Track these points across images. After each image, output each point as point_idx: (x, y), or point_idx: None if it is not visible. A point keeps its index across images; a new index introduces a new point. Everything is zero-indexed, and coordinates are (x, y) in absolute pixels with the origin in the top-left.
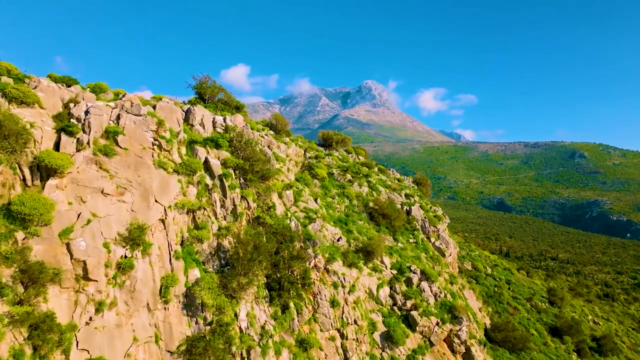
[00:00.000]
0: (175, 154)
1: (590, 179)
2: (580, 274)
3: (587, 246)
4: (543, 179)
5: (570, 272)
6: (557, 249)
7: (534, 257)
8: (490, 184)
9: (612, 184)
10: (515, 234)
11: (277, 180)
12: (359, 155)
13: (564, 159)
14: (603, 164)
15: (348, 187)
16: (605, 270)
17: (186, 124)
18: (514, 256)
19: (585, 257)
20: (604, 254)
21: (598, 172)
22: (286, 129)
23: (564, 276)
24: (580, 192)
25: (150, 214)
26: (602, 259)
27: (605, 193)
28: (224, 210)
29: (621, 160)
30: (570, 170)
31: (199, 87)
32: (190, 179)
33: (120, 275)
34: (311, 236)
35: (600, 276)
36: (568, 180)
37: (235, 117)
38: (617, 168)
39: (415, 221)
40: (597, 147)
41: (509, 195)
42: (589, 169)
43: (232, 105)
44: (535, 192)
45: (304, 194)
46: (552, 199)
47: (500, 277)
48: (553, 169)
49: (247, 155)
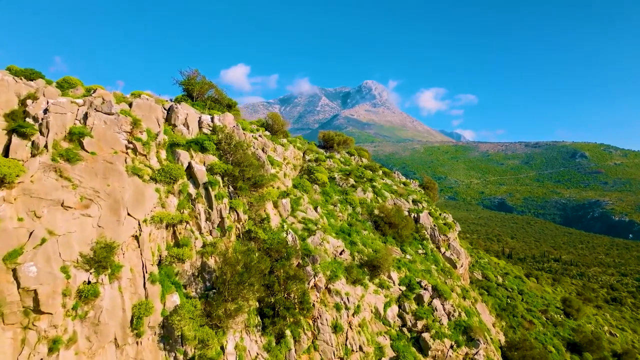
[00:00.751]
0: (154, 159)
1: (591, 179)
2: (584, 275)
3: (589, 247)
4: (544, 179)
5: (574, 274)
6: (559, 250)
7: (536, 259)
8: (491, 184)
9: (613, 184)
10: (517, 234)
11: (272, 188)
12: (361, 157)
13: (565, 159)
14: (604, 164)
15: (351, 193)
16: (609, 272)
17: (168, 124)
18: (517, 258)
19: (588, 258)
20: (607, 255)
21: (599, 172)
22: (283, 129)
23: (568, 279)
24: (581, 193)
25: (121, 229)
26: (605, 261)
27: (606, 193)
28: (209, 224)
29: (622, 160)
30: (572, 170)
31: (187, 83)
32: (171, 187)
33: (81, 305)
34: (310, 251)
35: (605, 278)
36: (569, 180)
37: (224, 116)
38: (618, 168)
39: (424, 230)
40: (598, 147)
41: (510, 195)
42: (590, 169)
43: (224, 103)
44: (537, 192)
45: (302, 202)
46: (554, 199)
47: (512, 287)
48: (554, 169)
49: (238, 159)
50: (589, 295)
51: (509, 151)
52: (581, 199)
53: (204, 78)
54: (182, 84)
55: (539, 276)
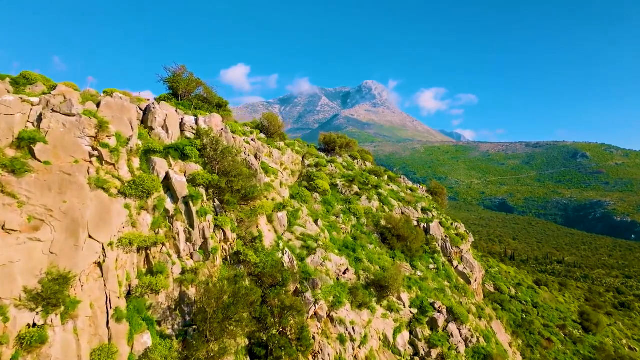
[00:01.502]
0: (124, 169)
1: (592, 179)
2: (588, 278)
3: (592, 249)
4: (545, 179)
5: (578, 276)
6: (562, 251)
7: (539, 261)
8: (492, 185)
9: (615, 184)
10: (519, 235)
11: (266, 200)
12: (365, 161)
13: (566, 159)
14: (605, 164)
15: (355, 202)
16: (614, 274)
17: (143, 127)
18: (519, 260)
19: (591, 260)
20: (610, 257)
21: (600, 172)
22: (280, 131)
23: (574, 282)
24: (582, 193)
25: (79, 256)
26: (608, 262)
27: (608, 193)
28: (190, 246)
29: (624, 160)
30: (573, 170)
31: (172, 81)
32: (144, 203)
33: (23, 355)
34: (310, 274)
35: (609, 280)
36: (570, 180)
37: (210, 117)
38: (619, 168)
39: (435, 241)
40: (599, 147)
41: (511, 195)
42: (592, 169)
43: (213, 103)
44: (538, 192)
45: (301, 215)
46: (555, 199)
47: (527, 300)
48: (555, 169)
49: (225, 168)
50: (598, 301)
51: (509, 151)
52: (582, 200)
53: (192, 75)
54: (167, 82)
55: (548, 282)
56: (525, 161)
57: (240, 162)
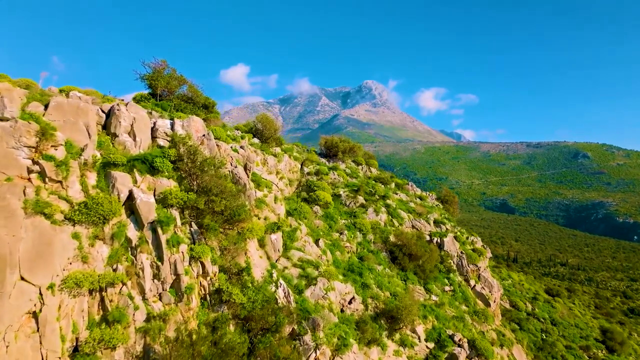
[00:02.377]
0: (74, 187)
1: (594, 179)
2: (593, 281)
3: (595, 250)
4: (546, 180)
5: (582, 279)
6: (565, 253)
7: (542, 263)
8: (493, 185)
9: (616, 184)
10: (521, 237)
11: (258, 219)
12: (370, 167)
13: (567, 159)
14: (607, 164)
15: (360, 215)
16: (618, 276)
17: (106, 133)
18: (522, 262)
19: (595, 262)
20: (614, 259)
21: (602, 172)
22: (276, 135)
23: (579, 286)
24: (584, 193)
25: (4, 305)
26: (612, 264)
27: (610, 194)
28: (158, 284)
29: (625, 160)
30: (574, 170)
31: (151, 78)
32: (99, 231)
33: None
34: (310, 311)
35: (614, 283)
36: (572, 181)
37: (190, 120)
38: (621, 168)
39: (450, 259)
40: (600, 147)
41: (512, 196)
42: (593, 170)
43: (199, 104)
44: (539, 193)
45: (299, 236)
46: (556, 200)
47: (544, 317)
48: (556, 170)
49: (205, 184)
50: (608, 308)
51: (510, 151)
52: (584, 200)
53: (174, 71)
54: (145, 79)
55: (560, 292)
56: (526, 161)
57: (224, 175)
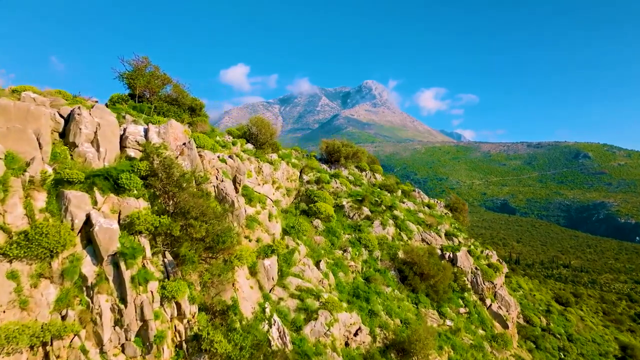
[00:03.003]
0: (16, 212)
1: (595, 179)
2: (596, 283)
3: (598, 251)
4: (547, 180)
5: (586, 281)
6: (567, 254)
7: (545, 265)
8: (493, 185)
9: (617, 185)
10: (523, 238)
11: (248, 243)
12: (375, 172)
13: (567, 159)
14: (608, 164)
15: (366, 229)
16: (622, 278)
17: (63, 143)
18: (525, 264)
19: (597, 263)
20: (616, 260)
21: (603, 172)
22: (273, 140)
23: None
24: (585, 194)
25: None
26: (615, 266)
27: (611, 194)
28: (120, 333)
29: (626, 160)
30: (575, 171)
31: (129, 77)
32: (45, 267)
33: None
34: (310, 355)
35: (618, 286)
36: (572, 181)
37: (167, 126)
38: (622, 169)
39: (464, 276)
40: (601, 147)
41: (513, 196)
42: (594, 170)
43: (185, 106)
44: (540, 193)
45: (297, 258)
46: (557, 200)
47: (560, 332)
48: (557, 170)
49: (183, 204)
50: (616, 313)
51: (510, 151)
52: (585, 201)
53: (157, 69)
54: (124, 78)
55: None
56: (527, 161)
57: (207, 193)
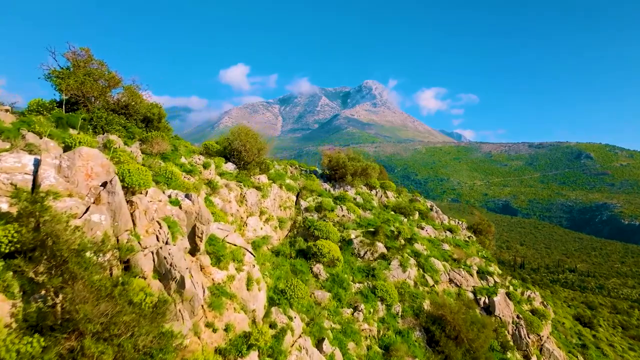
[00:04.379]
0: None
1: (597, 180)
2: (604, 288)
3: (603, 254)
4: (549, 181)
5: (593, 286)
6: (572, 258)
7: (550, 269)
8: (495, 186)
9: (620, 185)
10: (526, 240)
11: (210, 333)
12: (386, 190)
13: (569, 159)
14: (610, 165)
15: (381, 274)
16: (630, 283)
17: None
18: (530, 268)
19: (604, 267)
20: (622, 264)
21: (605, 173)
22: (262, 157)
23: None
24: (587, 195)
25: None
26: (622, 270)
27: (614, 195)
28: None
29: (629, 161)
30: (577, 171)
31: (58, 75)
32: None
33: None
34: None
35: (626, 291)
36: (574, 182)
37: (75, 154)
38: (624, 169)
39: (504, 328)
40: (603, 148)
41: (515, 197)
42: (596, 170)
43: (139, 115)
44: (541, 194)
45: (288, 343)
46: (559, 201)
47: None
48: (559, 170)
49: (74, 306)
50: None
51: (512, 152)
52: (588, 202)
53: (102, 65)
54: (53, 77)
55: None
56: (529, 162)
57: (136, 270)
